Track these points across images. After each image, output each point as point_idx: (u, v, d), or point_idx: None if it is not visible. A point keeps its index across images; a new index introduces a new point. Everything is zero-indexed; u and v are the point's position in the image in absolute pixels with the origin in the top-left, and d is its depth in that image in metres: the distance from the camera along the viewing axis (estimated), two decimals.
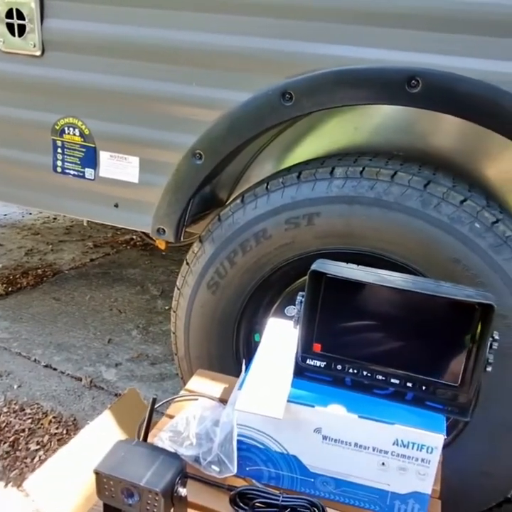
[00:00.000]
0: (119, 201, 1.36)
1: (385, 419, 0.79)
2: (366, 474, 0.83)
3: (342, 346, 0.85)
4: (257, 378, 0.89)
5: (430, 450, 0.78)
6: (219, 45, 1.17)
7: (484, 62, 1.01)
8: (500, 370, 1.09)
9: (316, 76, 1.11)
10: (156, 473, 0.74)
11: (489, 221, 1.09)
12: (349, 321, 0.83)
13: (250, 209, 1.24)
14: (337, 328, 0.84)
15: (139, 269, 2.83)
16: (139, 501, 0.73)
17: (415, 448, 0.78)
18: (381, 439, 0.80)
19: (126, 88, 1.27)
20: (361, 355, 0.84)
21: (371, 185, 1.13)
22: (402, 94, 1.05)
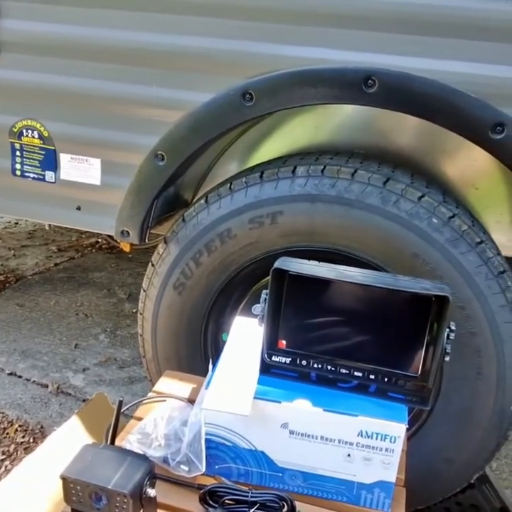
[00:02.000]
0: (81, 204, 1.34)
1: (349, 412, 0.81)
2: (333, 466, 0.84)
3: (306, 342, 0.86)
4: (224, 377, 0.89)
5: (393, 440, 0.81)
6: (179, 46, 1.17)
7: (438, 63, 1.05)
8: (460, 359, 1.13)
9: (276, 76, 1.12)
10: (123, 475, 0.74)
11: (446, 216, 1.13)
12: (312, 316, 0.85)
13: (214, 209, 1.24)
14: (301, 325, 0.86)
15: (105, 272, 2.79)
16: (108, 504, 0.73)
17: (379, 438, 0.80)
18: (346, 431, 0.82)
19: (85, 89, 1.26)
20: (325, 350, 0.86)
21: (332, 184, 1.15)
22: (359, 94, 1.07)
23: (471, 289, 1.11)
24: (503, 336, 1.13)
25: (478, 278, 1.11)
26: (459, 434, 1.20)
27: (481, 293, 1.11)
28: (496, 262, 1.13)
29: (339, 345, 0.86)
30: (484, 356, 1.13)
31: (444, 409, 1.18)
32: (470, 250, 1.11)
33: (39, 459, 1.08)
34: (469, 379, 1.16)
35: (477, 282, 1.11)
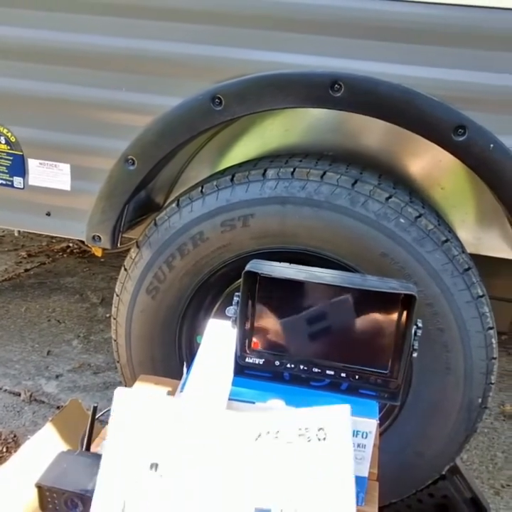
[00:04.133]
0: (51, 209, 1.33)
1: None
2: None
3: (279, 343, 0.88)
4: (199, 379, 0.90)
5: (365, 435, 0.83)
6: (148, 51, 1.17)
7: (402, 67, 1.08)
8: (429, 355, 1.17)
9: (244, 81, 1.13)
10: None
11: (413, 216, 1.16)
12: (284, 317, 0.87)
13: (186, 212, 1.25)
14: (273, 326, 0.87)
15: (77, 277, 2.76)
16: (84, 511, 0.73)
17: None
18: None
19: (53, 94, 1.25)
20: (297, 349, 0.87)
21: (302, 186, 1.17)
22: (326, 98, 1.09)
23: (438, 286, 1.15)
24: (469, 332, 1.17)
25: (444, 275, 1.15)
26: (429, 428, 1.23)
27: (448, 290, 1.15)
28: (461, 259, 1.17)
29: (311, 345, 0.87)
30: (452, 351, 1.17)
31: (414, 404, 1.22)
32: (436, 249, 1.15)
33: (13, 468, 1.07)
34: (438, 374, 1.19)
35: (443, 280, 1.14)
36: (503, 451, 1.73)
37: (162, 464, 0.60)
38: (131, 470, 0.61)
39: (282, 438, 0.62)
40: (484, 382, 1.20)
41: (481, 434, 1.78)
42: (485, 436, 1.79)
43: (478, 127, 1.06)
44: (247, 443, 0.62)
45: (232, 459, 0.61)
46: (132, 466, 0.61)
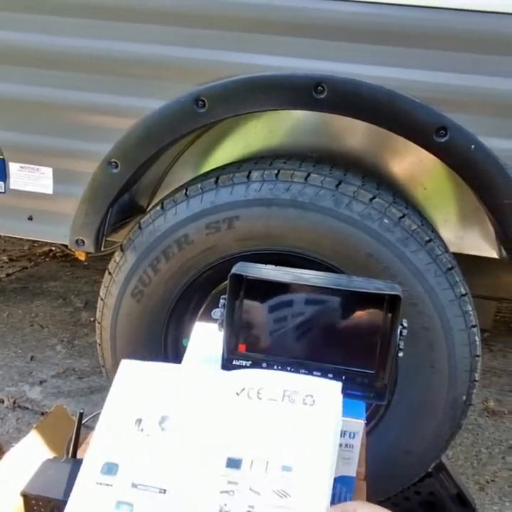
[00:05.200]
0: (33, 214, 1.31)
1: None
2: None
3: (266, 345, 0.88)
4: None
5: (352, 435, 0.83)
6: (131, 53, 1.17)
7: (385, 70, 1.09)
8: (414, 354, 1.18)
9: (228, 83, 1.14)
10: None
11: (396, 216, 1.17)
12: (271, 319, 0.87)
13: (171, 215, 1.24)
14: (260, 328, 0.87)
15: (60, 281, 2.73)
16: None
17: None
18: None
19: (35, 97, 1.23)
20: (284, 351, 0.87)
21: (287, 188, 1.18)
22: (309, 100, 1.10)
23: (422, 285, 1.16)
24: (453, 330, 1.18)
25: (428, 275, 1.16)
26: (415, 426, 1.25)
27: (432, 289, 1.16)
28: (445, 259, 1.18)
29: (298, 346, 0.87)
30: (436, 350, 1.18)
31: (400, 403, 1.23)
32: (420, 249, 1.16)
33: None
34: (423, 372, 1.20)
35: (427, 279, 1.16)
36: (487, 447, 1.76)
37: (146, 420, 0.61)
38: (121, 428, 0.62)
39: (265, 395, 0.62)
40: (468, 379, 1.21)
41: (465, 430, 1.80)
42: (469, 433, 1.81)
43: (460, 128, 1.08)
44: (229, 396, 0.62)
45: (213, 412, 0.61)
46: (122, 424, 0.62)
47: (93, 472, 0.62)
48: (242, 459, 0.57)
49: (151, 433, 0.61)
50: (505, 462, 1.70)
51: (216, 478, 0.56)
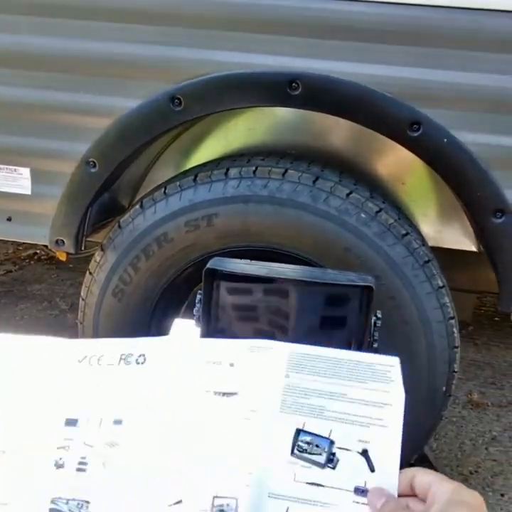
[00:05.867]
0: (12, 214, 1.31)
1: None
2: None
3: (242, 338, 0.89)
4: None
5: None
6: (106, 53, 1.17)
7: (358, 66, 1.10)
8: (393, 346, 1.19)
9: (204, 80, 1.14)
10: None
11: (373, 211, 1.19)
12: (247, 314, 0.87)
13: (150, 214, 1.25)
14: (237, 322, 0.88)
15: (45, 284, 2.71)
16: None
17: None
18: None
19: (10, 97, 1.23)
20: None
21: (264, 184, 1.19)
22: (284, 97, 1.11)
23: (400, 279, 1.17)
24: (431, 322, 1.20)
25: (405, 268, 1.17)
26: None
27: (409, 282, 1.17)
28: (422, 252, 1.20)
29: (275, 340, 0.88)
30: (415, 342, 1.20)
31: None
32: (397, 242, 1.17)
33: None
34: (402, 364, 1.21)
35: (405, 272, 1.17)
36: (470, 439, 1.78)
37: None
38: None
39: (104, 361, 0.68)
40: (447, 370, 1.23)
41: (449, 423, 1.82)
42: (453, 425, 1.83)
43: (433, 123, 1.09)
44: (73, 364, 0.68)
45: (57, 378, 0.66)
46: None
47: None
48: (78, 419, 0.62)
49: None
50: (489, 453, 1.72)
51: (54, 437, 0.61)
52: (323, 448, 0.60)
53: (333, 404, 0.62)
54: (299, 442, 0.61)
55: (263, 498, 0.59)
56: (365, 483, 0.57)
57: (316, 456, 0.60)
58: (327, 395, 0.63)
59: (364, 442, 0.59)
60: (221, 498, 0.59)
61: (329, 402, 0.63)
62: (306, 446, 0.61)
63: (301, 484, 0.59)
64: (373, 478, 0.57)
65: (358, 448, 0.59)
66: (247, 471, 0.61)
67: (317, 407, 0.62)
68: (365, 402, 0.62)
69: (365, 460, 0.59)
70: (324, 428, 0.61)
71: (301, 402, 0.63)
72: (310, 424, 0.61)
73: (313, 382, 0.65)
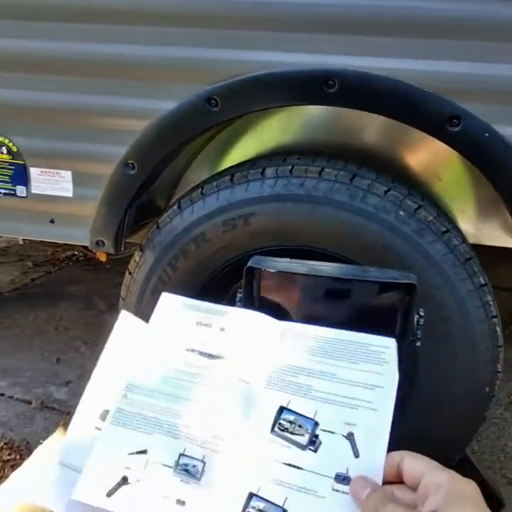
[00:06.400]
0: (54, 217, 1.35)
1: None
2: None
3: None
4: None
5: None
6: (142, 56, 1.19)
7: (395, 61, 1.09)
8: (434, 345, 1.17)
9: (240, 81, 1.15)
10: None
11: (412, 208, 1.17)
12: (287, 312, 0.88)
13: (188, 214, 1.26)
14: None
15: (83, 284, 2.78)
16: None
17: None
18: None
19: (52, 103, 1.26)
20: None
21: (301, 183, 1.18)
22: (320, 95, 1.10)
23: (440, 276, 1.15)
24: (473, 320, 1.17)
25: (445, 265, 1.15)
26: (437, 418, 1.24)
27: (450, 280, 1.15)
28: (462, 249, 1.17)
29: None
30: (456, 340, 1.18)
31: (421, 395, 1.22)
32: (436, 240, 1.15)
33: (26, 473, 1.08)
34: (444, 364, 1.20)
35: (445, 270, 1.15)
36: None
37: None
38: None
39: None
40: (491, 370, 1.20)
41: (491, 424, 1.78)
42: (495, 427, 1.79)
43: (473, 117, 1.07)
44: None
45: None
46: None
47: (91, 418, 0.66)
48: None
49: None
50: None
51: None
52: (306, 429, 0.57)
53: (321, 384, 0.60)
54: (280, 420, 0.58)
55: (235, 471, 0.56)
56: (347, 469, 0.54)
57: (297, 437, 0.57)
58: (316, 374, 0.61)
59: (350, 425, 0.56)
60: (187, 458, 0.57)
61: (317, 382, 0.60)
62: (288, 425, 0.58)
63: (278, 464, 0.56)
64: (357, 465, 0.54)
65: (344, 431, 0.56)
66: (219, 437, 0.58)
67: (304, 386, 0.60)
68: (355, 383, 0.59)
69: (349, 444, 0.55)
70: (309, 408, 0.58)
71: (288, 380, 0.61)
72: (295, 403, 0.59)
73: (302, 360, 0.62)
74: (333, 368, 0.61)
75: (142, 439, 0.59)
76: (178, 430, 0.59)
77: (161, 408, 0.61)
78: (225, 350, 0.65)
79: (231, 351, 0.65)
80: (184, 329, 0.68)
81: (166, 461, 0.57)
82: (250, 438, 0.57)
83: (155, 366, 0.65)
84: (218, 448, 0.58)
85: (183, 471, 0.57)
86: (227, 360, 0.64)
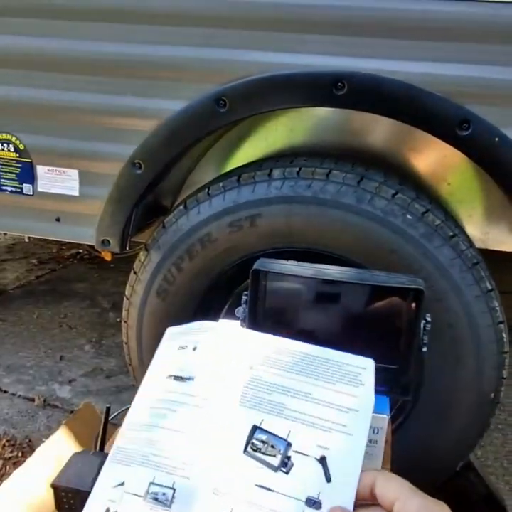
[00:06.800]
0: (60, 215, 1.35)
1: None
2: None
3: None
4: None
5: (376, 431, 0.82)
6: (150, 56, 1.18)
7: (404, 64, 1.08)
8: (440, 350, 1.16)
9: (248, 82, 1.14)
10: None
11: (420, 212, 1.16)
12: (293, 315, 0.87)
13: (194, 214, 1.26)
14: (283, 324, 0.88)
15: (87, 282, 2.78)
16: None
17: None
18: None
19: (60, 102, 1.26)
20: None
21: (308, 185, 1.18)
22: (329, 97, 1.10)
23: (447, 281, 1.14)
24: (479, 326, 1.16)
25: (453, 270, 1.14)
26: (442, 424, 1.23)
27: (457, 285, 1.14)
28: (470, 254, 1.17)
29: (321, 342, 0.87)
30: (462, 346, 1.17)
31: (426, 400, 1.21)
32: (444, 244, 1.15)
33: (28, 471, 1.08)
34: (450, 369, 1.19)
35: (452, 275, 1.14)
36: None
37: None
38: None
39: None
40: (496, 376, 1.19)
41: (495, 430, 1.77)
42: (499, 433, 1.77)
43: (483, 121, 1.06)
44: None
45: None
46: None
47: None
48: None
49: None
50: None
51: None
52: (279, 449, 0.56)
53: (295, 403, 0.58)
54: (253, 440, 0.57)
55: (206, 494, 0.55)
56: (318, 494, 0.52)
57: (269, 458, 0.55)
58: (290, 392, 0.59)
59: (323, 448, 0.55)
60: (157, 486, 0.57)
61: (291, 401, 0.58)
62: (260, 445, 0.56)
63: (249, 485, 0.54)
64: (328, 490, 0.52)
65: (316, 454, 0.55)
66: (189, 463, 0.57)
67: (278, 404, 0.58)
68: (330, 405, 0.58)
69: (321, 468, 0.54)
70: (283, 428, 0.57)
71: (261, 397, 0.59)
72: (268, 422, 0.57)
73: (277, 377, 0.60)
74: (308, 387, 0.59)
75: (122, 471, 0.59)
76: (149, 459, 0.59)
77: (140, 439, 0.61)
78: (197, 370, 0.64)
79: (202, 371, 0.63)
80: (167, 357, 0.67)
81: (137, 491, 0.57)
82: (222, 460, 0.56)
83: (144, 400, 0.65)
84: (188, 473, 0.57)
85: (153, 500, 0.56)
86: (197, 382, 0.63)
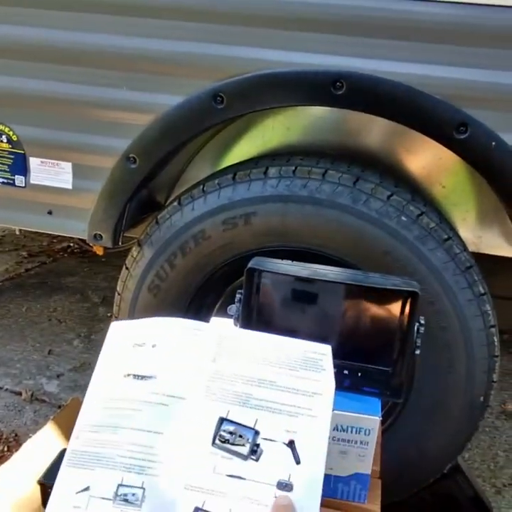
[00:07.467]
0: (52, 208, 1.33)
1: None
2: None
3: None
4: None
5: (368, 432, 0.82)
6: (149, 50, 1.17)
7: (403, 65, 1.08)
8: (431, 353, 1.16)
9: (247, 79, 1.14)
10: None
11: (414, 214, 1.16)
12: (287, 315, 0.87)
13: (188, 211, 1.25)
14: (275, 323, 0.87)
15: (78, 276, 2.76)
16: None
17: (354, 431, 0.82)
18: None
19: (54, 93, 1.25)
20: None
21: (304, 184, 1.17)
22: (328, 96, 1.09)
23: (440, 284, 1.15)
24: (471, 330, 1.16)
25: (446, 273, 1.15)
26: (431, 426, 1.23)
27: (450, 288, 1.15)
28: (463, 257, 1.17)
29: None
30: (454, 349, 1.17)
31: (416, 402, 1.21)
32: (438, 247, 1.15)
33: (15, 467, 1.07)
34: (440, 372, 1.19)
35: (445, 278, 1.14)
36: (504, 450, 1.73)
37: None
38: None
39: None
40: (486, 380, 1.20)
41: (482, 432, 1.78)
42: (486, 435, 1.79)
43: (480, 125, 1.06)
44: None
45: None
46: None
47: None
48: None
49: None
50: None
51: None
52: (247, 438, 0.57)
53: (261, 392, 0.60)
54: (221, 432, 0.58)
55: (178, 490, 0.56)
56: (289, 476, 0.55)
57: (238, 447, 0.57)
58: (255, 382, 0.61)
59: (291, 432, 0.58)
60: (126, 487, 0.57)
61: (257, 390, 0.60)
62: (228, 436, 0.58)
63: (220, 476, 0.56)
64: (298, 471, 0.55)
65: (285, 439, 0.57)
66: (158, 461, 0.58)
67: (243, 395, 0.60)
68: (295, 391, 0.60)
69: (290, 451, 0.57)
70: (249, 417, 0.58)
71: (226, 389, 0.60)
72: (234, 413, 0.59)
73: (240, 368, 0.62)
74: (272, 375, 0.61)
75: (85, 476, 0.58)
76: (115, 461, 0.58)
77: (102, 441, 0.60)
78: (157, 367, 0.63)
79: (163, 368, 0.63)
80: (122, 355, 0.66)
81: (104, 495, 0.56)
82: (191, 455, 0.57)
83: (99, 400, 0.64)
84: (158, 472, 0.57)
85: (122, 501, 0.56)
86: (159, 379, 0.62)
